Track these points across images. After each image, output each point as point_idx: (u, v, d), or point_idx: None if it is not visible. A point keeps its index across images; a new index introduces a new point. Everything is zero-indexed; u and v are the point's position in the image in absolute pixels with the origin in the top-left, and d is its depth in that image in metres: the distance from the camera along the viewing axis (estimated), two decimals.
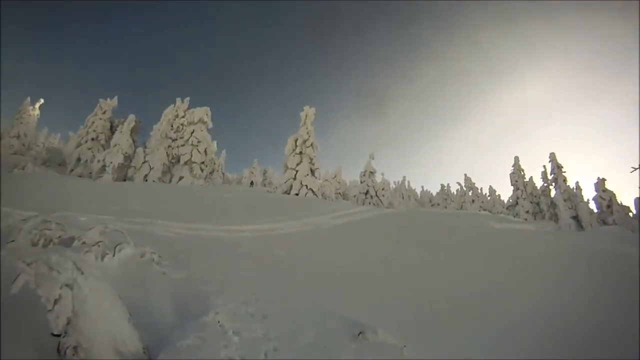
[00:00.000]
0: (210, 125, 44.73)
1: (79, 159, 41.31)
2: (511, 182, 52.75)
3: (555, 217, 44.87)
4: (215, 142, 48.39)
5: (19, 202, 16.70)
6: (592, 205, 44.50)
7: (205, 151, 43.57)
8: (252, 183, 54.08)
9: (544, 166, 48.00)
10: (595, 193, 44.30)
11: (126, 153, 40.47)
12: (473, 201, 64.97)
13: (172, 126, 44.44)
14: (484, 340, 8.66)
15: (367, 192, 45.94)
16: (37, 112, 52.08)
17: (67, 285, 4.88)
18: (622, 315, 10.22)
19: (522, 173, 52.41)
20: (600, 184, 43.90)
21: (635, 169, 22.17)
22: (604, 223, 41.78)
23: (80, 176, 39.54)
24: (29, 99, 50.28)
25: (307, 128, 42.17)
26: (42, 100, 53.46)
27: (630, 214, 41.80)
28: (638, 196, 39.48)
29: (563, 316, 10.35)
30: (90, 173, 39.34)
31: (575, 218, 41.72)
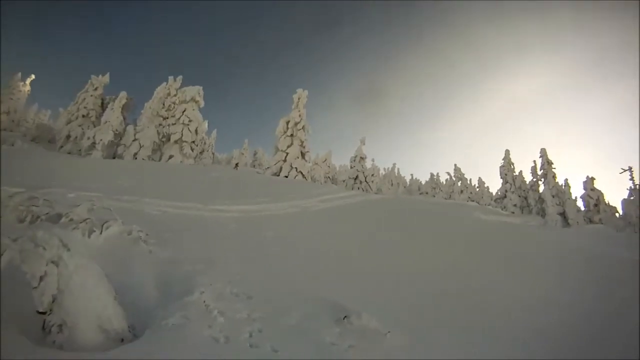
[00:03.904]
0: (202, 104, 44.43)
1: (68, 136, 40.83)
2: (501, 175, 52.73)
3: (542, 212, 45.01)
4: (206, 121, 48.20)
5: (7, 179, 16.57)
6: (580, 203, 44.76)
7: (196, 130, 43.26)
8: (236, 165, 53.74)
9: (534, 161, 48.12)
10: (583, 191, 44.55)
11: (116, 130, 40.13)
12: (462, 191, 65.03)
13: (163, 104, 44.06)
14: (471, 326, 8.69)
15: (356, 177, 45.93)
16: (28, 88, 51.50)
17: (52, 262, 4.88)
18: (602, 314, 10.30)
19: (512, 167, 52.34)
20: (589, 182, 44.14)
21: (625, 170, 22.32)
22: (590, 221, 41.99)
23: (69, 153, 39.11)
24: (19, 74, 49.64)
25: (299, 110, 42.02)
26: (32, 76, 52.87)
27: (617, 214, 42.08)
28: (626, 197, 39.77)
29: (544, 308, 10.41)
30: (80, 150, 38.94)
31: (562, 214, 41.94)
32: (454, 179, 67.68)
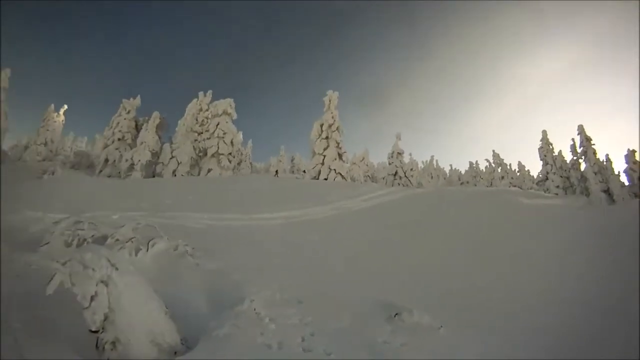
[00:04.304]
0: (235, 116, 44.58)
1: (106, 160, 41.32)
2: (540, 156, 51.64)
3: (586, 191, 43.97)
4: (240, 132, 48.35)
5: (51, 206, 16.91)
6: (624, 178, 43.45)
7: (232, 142, 43.31)
8: (276, 172, 53.80)
9: (573, 139, 46.94)
10: (625, 165, 43.33)
11: (153, 150, 40.44)
12: (502, 177, 63.86)
13: (196, 120, 44.32)
14: (513, 320, 8.56)
15: (395, 173, 45.47)
16: (62, 118, 52.32)
17: (102, 282, 4.94)
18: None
19: (551, 147, 51.22)
20: (630, 155, 42.74)
21: None
22: (636, 196, 40.82)
23: (109, 176, 39.54)
24: (52, 105, 50.20)
25: (331, 112, 41.92)
26: (65, 106, 53.61)
27: None
28: None
29: (586, 299, 10.19)
30: (119, 172, 39.31)
31: (607, 191, 40.91)
32: (493, 165, 66.53)
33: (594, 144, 43.72)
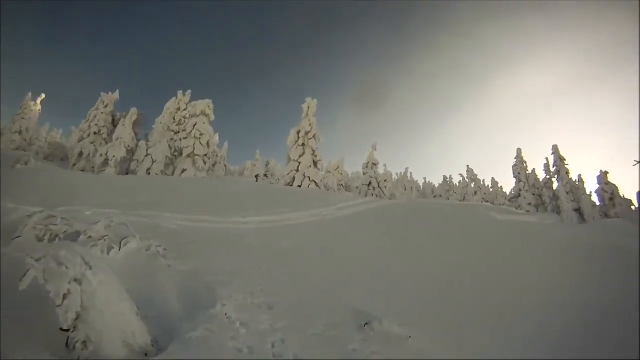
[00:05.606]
0: (213, 117, 44.55)
1: (81, 153, 40.92)
2: (514, 174, 52.17)
3: (557, 210, 44.51)
4: (217, 134, 48.31)
5: (23, 198, 16.72)
6: (595, 198, 44.23)
7: (208, 143, 43.29)
8: (257, 177, 53.59)
9: (547, 158, 47.55)
10: (598, 186, 44.11)
11: (129, 146, 40.23)
12: (475, 193, 64.48)
13: (174, 119, 44.25)
14: (488, 330, 8.68)
15: (369, 184, 45.66)
16: (39, 107, 51.85)
17: (76, 280, 4.92)
18: (625, 308, 10.29)
19: (525, 165, 51.71)
20: (602, 176, 43.64)
21: (638, 162, 22.09)
22: (606, 216, 41.47)
23: (83, 170, 39.20)
24: (30, 94, 49.80)
25: (309, 120, 42.06)
26: (43, 96, 53.08)
27: (633, 207, 41.62)
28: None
29: (566, 308, 10.40)
30: (93, 167, 39.03)
31: (578, 210, 41.45)
32: (467, 180, 67.15)
33: (567, 164, 44.45)
